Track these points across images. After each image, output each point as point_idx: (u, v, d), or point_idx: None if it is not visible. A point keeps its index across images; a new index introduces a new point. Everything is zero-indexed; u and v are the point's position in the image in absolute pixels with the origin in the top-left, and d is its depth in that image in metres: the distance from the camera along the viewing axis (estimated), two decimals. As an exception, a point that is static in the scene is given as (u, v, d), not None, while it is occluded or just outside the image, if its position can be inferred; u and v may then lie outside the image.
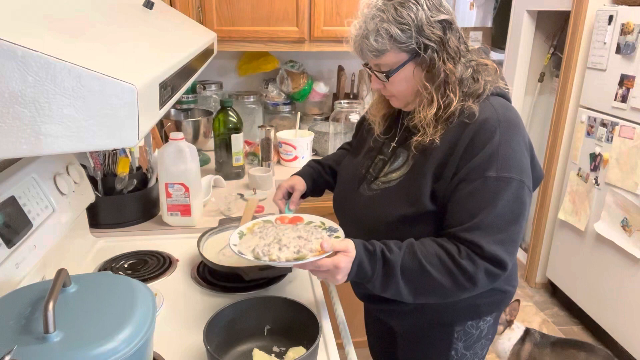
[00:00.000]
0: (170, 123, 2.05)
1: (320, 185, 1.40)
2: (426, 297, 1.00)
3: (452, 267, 0.95)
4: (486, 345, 1.23)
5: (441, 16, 0.99)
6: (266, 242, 1.02)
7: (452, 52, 1.00)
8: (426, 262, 0.96)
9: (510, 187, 0.96)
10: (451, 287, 0.96)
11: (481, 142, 0.98)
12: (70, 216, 1.24)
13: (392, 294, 0.99)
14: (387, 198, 1.09)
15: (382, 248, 0.98)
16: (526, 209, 0.99)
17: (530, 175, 1.01)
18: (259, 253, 0.98)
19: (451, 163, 1.00)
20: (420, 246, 0.98)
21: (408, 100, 1.08)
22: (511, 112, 1.03)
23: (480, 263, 0.95)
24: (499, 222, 0.96)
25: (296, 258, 0.96)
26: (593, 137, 2.56)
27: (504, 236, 0.96)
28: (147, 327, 0.70)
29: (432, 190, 1.02)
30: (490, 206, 0.95)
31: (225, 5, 1.99)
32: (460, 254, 0.96)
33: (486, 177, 0.96)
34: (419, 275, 0.96)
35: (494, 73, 1.07)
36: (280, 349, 1.02)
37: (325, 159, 1.45)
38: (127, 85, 0.60)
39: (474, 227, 0.95)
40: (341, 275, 0.95)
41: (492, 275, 0.96)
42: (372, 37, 0.98)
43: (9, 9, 0.60)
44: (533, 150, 1.07)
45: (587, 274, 2.64)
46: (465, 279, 0.95)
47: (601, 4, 2.54)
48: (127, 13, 0.99)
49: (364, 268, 0.97)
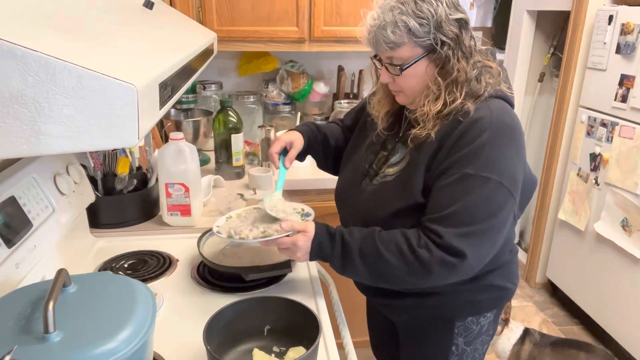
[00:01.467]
0: (170, 123, 2.05)
1: (311, 149, 1.35)
2: (384, 281, 1.07)
3: (408, 254, 0.99)
4: (486, 342, 1.24)
5: (458, 15, 0.99)
6: (244, 225, 1.15)
7: (466, 50, 1.01)
8: (383, 247, 1.01)
9: (485, 186, 0.97)
10: (406, 273, 1.00)
11: (468, 139, 0.99)
12: (70, 216, 1.24)
13: (351, 275, 1.08)
14: (385, 192, 1.11)
15: (343, 232, 1.06)
16: (502, 210, 0.99)
17: (515, 180, 1.00)
18: (232, 232, 1.13)
19: (439, 157, 1.02)
20: (383, 233, 1.04)
21: (415, 96, 1.07)
22: (508, 116, 1.03)
23: (435, 253, 0.97)
24: (465, 216, 0.97)
25: (262, 237, 1.09)
26: (593, 137, 2.56)
27: (468, 229, 0.97)
28: (147, 327, 0.70)
29: (424, 183, 1.04)
30: (460, 200, 0.97)
31: (225, 5, 1.99)
32: (419, 243, 0.99)
33: (464, 174, 0.98)
34: (375, 259, 1.02)
35: (497, 75, 1.07)
36: (280, 349, 1.02)
37: (322, 127, 1.39)
38: (127, 85, 0.60)
39: (440, 218, 0.98)
40: (300, 252, 1.06)
41: (448, 264, 0.97)
42: (389, 28, 0.98)
43: (9, 9, 0.60)
44: (525, 157, 1.06)
45: (587, 274, 2.64)
46: (420, 266, 0.98)
47: (601, 4, 2.54)
48: (127, 13, 1.00)
49: (323, 248, 1.06)
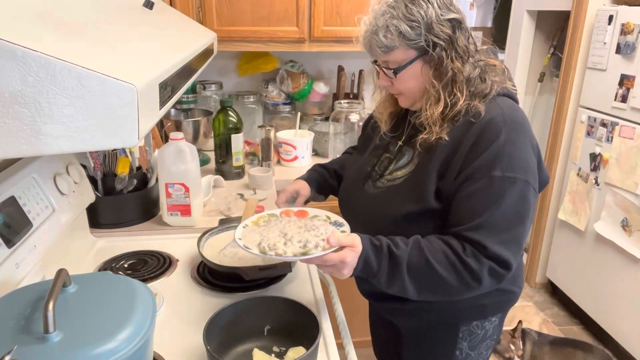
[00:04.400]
0: (170, 123, 2.05)
1: (324, 190, 1.39)
2: (431, 294, 1.00)
3: (458, 264, 0.95)
4: (491, 346, 1.23)
5: (451, 15, 0.99)
6: (272, 236, 0.99)
7: (460, 51, 1.00)
8: (432, 258, 0.95)
9: (515, 187, 0.96)
10: (456, 284, 0.96)
11: (487, 141, 0.97)
12: (70, 216, 1.24)
13: (397, 290, 0.99)
14: (393, 196, 1.10)
15: (389, 243, 0.98)
16: (531, 209, 0.99)
17: (536, 176, 1.01)
18: (265, 247, 0.96)
19: (455, 161, 1.00)
20: (427, 243, 0.98)
21: (415, 98, 1.08)
22: (518, 113, 1.03)
23: (485, 262, 0.95)
24: (503, 222, 0.96)
25: (302, 253, 0.95)
26: (593, 137, 2.56)
27: (508, 236, 0.96)
28: (147, 327, 0.70)
29: (437, 188, 1.02)
30: (494, 206, 0.95)
31: (225, 5, 1.99)
32: (466, 252, 0.96)
33: (492, 177, 0.96)
34: (425, 271, 0.96)
35: (501, 74, 1.06)
36: (280, 349, 1.02)
37: (330, 163, 1.44)
38: (127, 85, 0.60)
39: (478, 227, 0.95)
40: (347, 269, 0.95)
41: (497, 275, 0.96)
42: (381, 33, 0.99)
43: (9, 9, 0.60)
44: (540, 153, 1.06)
45: (587, 274, 2.64)
46: (471, 277, 0.95)
47: (601, 4, 2.54)
48: (127, 13, 0.99)
49: (370, 263, 0.96)
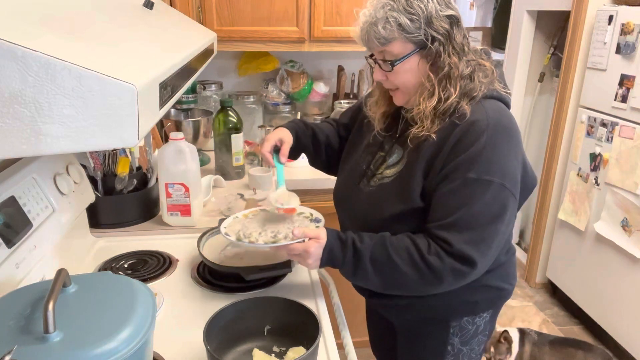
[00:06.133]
0: (170, 123, 2.05)
1: (301, 144, 1.33)
2: (395, 288, 1.06)
3: (419, 262, 0.99)
4: (483, 341, 1.25)
5: (449, 12, 1.01)
6: (251, 227, 1.12)
7: (457, 47, 1.02)
8: (394, 254, 1.01)
9: (489, 189, 0.98)
10: (417, 280, 1.00)
11: (467, 142, 0.99)
12: (70, 216, 1.24)
13: (362, 282, 1.07)
14: (382, 194, 1.11)
15: (354, 238, 1.04)
16: (506, 211, 1.00)
17: (516, 180, 1.02)
18: (241, 235, 1.10)
19: (438, 161, 1.02)
20: (393, 239, 1.03)
21: (410, 93, 1.08)
22: (504, 117, 1.03)
23: (447, 261, 0.98)
24: (472, 222, 0.98)
25: (272, 242, 1.06)
26: (593, 137, 2.56)
27: (476, 236, 0.98)
28: (147, 327, 0.70)
29: (423, 187, 1.05)
30: (466, 206, 0.98)
31: (225, 5, 1.99)
32: (430, 250, 0.99)
33: (466, 178, 0.98)
34: (386, 266, 1.01)
35: (490, 74, 1.07)
36: (280, 349, 1.02)
37: (309, 123, 1.38)
38: (127, 85, 0.60)
39: (447, 225, 0.99)
40: (311, 259, 1.04)
41: (460, 273, 0.99)
42: (380, 24, 0.99)
43: (9, 9, 0.60)
44: (525, 156, 1.07)
45: (587, 274, 2.64)
46: (431, 275, 0.99)
47: (601, 4, 2.54)
48: (127, 13, 1.00)
49: (334, 255, 1.04)
